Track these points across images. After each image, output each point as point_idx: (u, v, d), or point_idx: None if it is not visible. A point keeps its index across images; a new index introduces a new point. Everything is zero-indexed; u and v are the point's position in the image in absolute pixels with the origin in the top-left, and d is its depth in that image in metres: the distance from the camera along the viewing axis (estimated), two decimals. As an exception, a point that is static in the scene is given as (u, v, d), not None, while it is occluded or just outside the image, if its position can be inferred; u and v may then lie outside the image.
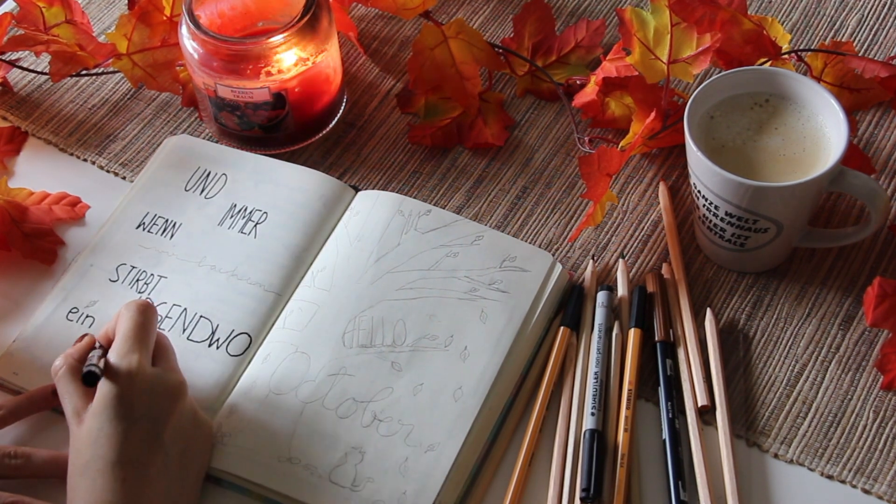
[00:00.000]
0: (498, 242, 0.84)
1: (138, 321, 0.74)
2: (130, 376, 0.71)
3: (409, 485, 0.73)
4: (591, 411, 0.77)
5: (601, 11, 1.03)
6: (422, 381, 0.78)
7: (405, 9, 0.97)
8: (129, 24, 0.93)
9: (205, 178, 0.90)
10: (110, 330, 0.75)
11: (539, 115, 0.96)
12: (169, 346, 0.76)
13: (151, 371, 0.72)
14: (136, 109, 0.98)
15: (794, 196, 0.78)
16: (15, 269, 0.87)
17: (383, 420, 0.76)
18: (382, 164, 0.94)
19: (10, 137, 0.96)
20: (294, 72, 0.88)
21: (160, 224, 0.88)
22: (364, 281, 0.82)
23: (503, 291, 0.81)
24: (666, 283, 0.84)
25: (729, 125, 0.82)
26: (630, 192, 0.91)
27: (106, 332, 0.76)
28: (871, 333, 0.82)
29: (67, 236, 0.90)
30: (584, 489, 0.73)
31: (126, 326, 0.74)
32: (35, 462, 0.75)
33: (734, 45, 0.87)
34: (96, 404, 0.70)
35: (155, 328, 0.75)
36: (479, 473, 0.76)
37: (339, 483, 0.74)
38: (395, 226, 0.85)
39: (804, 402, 0.79)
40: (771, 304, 0.84)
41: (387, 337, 0.80)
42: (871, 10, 1.01)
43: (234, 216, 0.88)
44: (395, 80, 0.99)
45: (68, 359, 0.74)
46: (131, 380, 0.71)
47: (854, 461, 0.76)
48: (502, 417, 0.78)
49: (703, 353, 0.80)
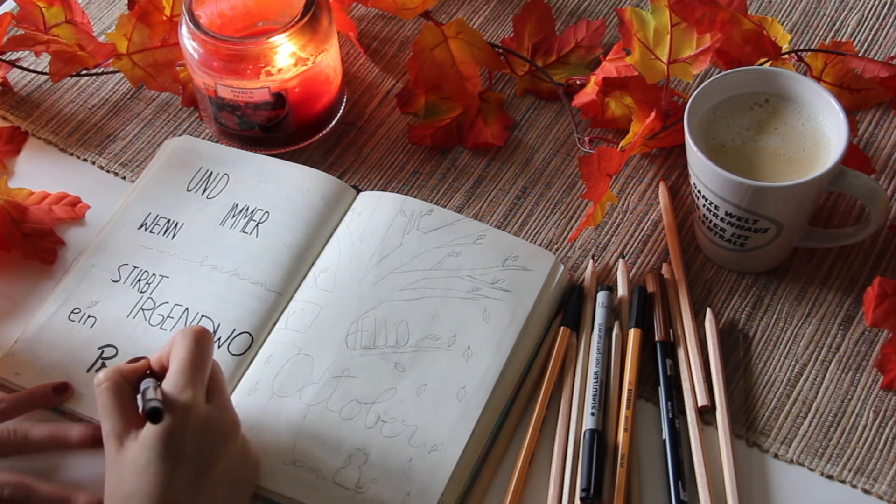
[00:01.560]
0: (500, 241, 0.84)
1: (195, 351, 0.70)
2: (185, 413, 0.67)
3: (413, 485, 0.73)
4: (591, 411, 0.77)
5: (601, 11, 1.03)
6: (425, 382, 0.78)
7: (405, 9, 0.97)
8: (129, 24, 0.93)
9: (207, 178, 0.90)
10: (164, 356, 0.72)
11: (539, 115, 0.96)
12: (222, 379, 0.73)
13: (205, 409, 0.69)
14: (136, 109, 0.98)
15: (794, 196, 0.78)
16: (15, 269, 0.87)
17: (387, 421, 0.76)
18: (382, 164, 0.94)
19: (10, 137, 0.96)
20: (294, 72, 0.88)
21: (162, 224, 0.88)
22: (367, 282, 0.82)
23: (506, 290, 0.82)
24: (666, 283, 0.84)
25: (729, 125, 0.82)
26: (630, 192, 0.91)
27: (159, 358, 0.72)
28: (871, 333, 0.82)
29: (67, 236, 0.90)
30: (584, 489, 0.73)
31: (182, 357, 0.70)
32: (34, 439, 0.75)
33: (734, 45, 0.87)
34: (146, 437, 0.67)
35: (211, 358, 0.71)
36: (479, 473, 0.76)
37: (344, 485, 0.74)
38: (398, 226, 0.85)
39: (804, 402, 0.79)
40: (771, 304, 0.84)
41: (390, 338, 0.80)
42: (871, 10, 1.01)
43: (236, 216, 0.88)
44: (395, 80, 0.99)
45: (115, 375, 0.70)
46: (185, 417, 0.67)
47: (854, 461, 0.76)
48: (502, 417, 0.78)
49: (703, 353, 0.80)
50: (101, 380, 0.70)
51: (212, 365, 0.72)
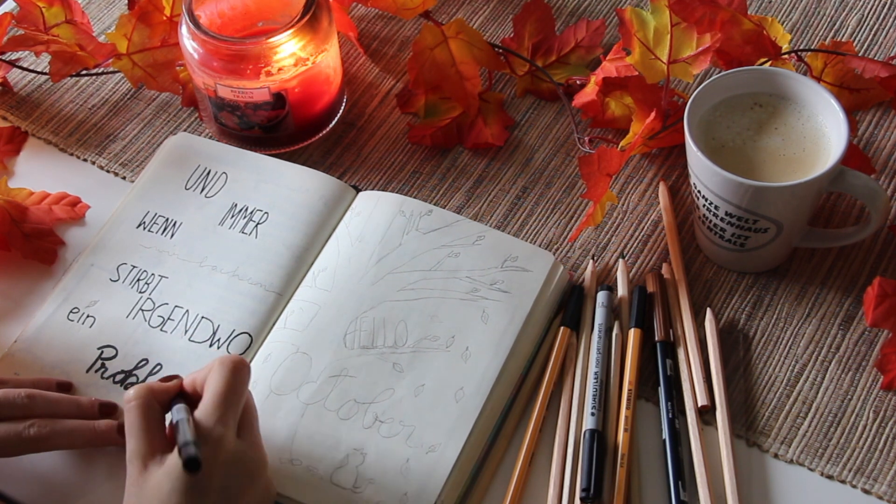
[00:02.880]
0: (499, 242, 0.84)
1: (231, 383, 0.68)
2: (215, 448, 0.66)
3: (411, 486, 0.73)
4: (591, 411, 0.77)
5: (601, 11, 1.03)
6: (423, 382, 0.78)
7: (405, 9, 0.97)
8: (129, 24, 0.93)
9: (205, 176, 0.90)
10: (199, 382, 0.70)
11: (539, 115, 0.96)
12: (255, 414, 0.71)
13: (235, 446, 0.68)
14: (136, 109, 0.98)
15: (794, 196, 0.78)
16: (15, 269, 0.87)
17: (385, 421, 0.76)
18: (382, 164, 0.94)
19: (10, 137, 0.96)
20: (294, 72, 0.88)
21: (160, 223, 0.88)
22: (365, 281, 0.82)
23: (505, 291, 0.81)
24: (666, 283, 0.84)
25: (729, 125, 0.82)
26: (630, 192, 0.91)
27: (193, 382, 0.71)
28: (871, 333, 0.82)
29: (67, 236, 0.90)
30: (584, 489, 0.73)
31: (217, 388, 0.68)
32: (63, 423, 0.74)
33: (734, 45, 0.87)
34: (172, 466, 0.65)
35: (246, 391, 0.70)
36: (479, 474, 0.76)
37: (341, 485, 0.74)
38: (397, 226, 0.85)
39: (804, 402, 0.79)
40: (771, 304, 0.84)
41: (388, 338, 0.80)
42: (871, 10, 1.01)
43: (235, 216, 0.88)
44: (395, 80, 0.99)
45: (146, 395, 0.69)
46: (215, 452, 0.66)
47: (854, 461, 0.76)
48: (502, 418, 0.78)
49: (703, 353, 0.80)
50: (130, 397, 0.69)
51: (249, 407, 0.71)
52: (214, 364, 0.70)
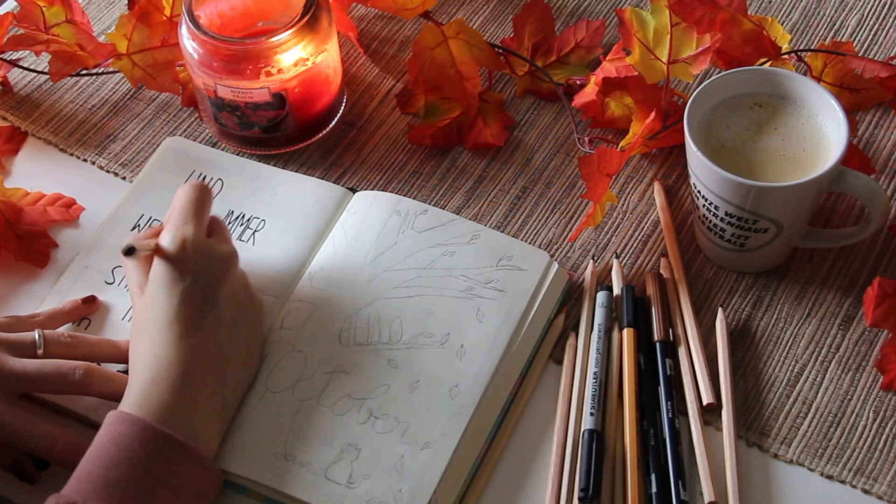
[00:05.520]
0: (494, 241, 0.84)
1: (193, 196, 0.78)
2: (184, 244, 0.75)
3: (405, 482, 0.73)
4: (590, 411, 0.77)
5: (601, 11, 1.03)
6: (418, 379, 0.78)
7: (405, 9, 0.97)
8: (129, 24, 0.93)
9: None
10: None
11: (539, 115, 0.96)
12: (223, 225, 0.81)
13: (204, 240, 0.77)
14: (136, 109, 0.98)
15: (794, 196, 0.78)
16: (7, 270, 0.87)
17: (379, 417, 0.76)
18: (382, 165, 0.94)
19: (9, 137, 0.96)
20: (294, 72, 0.88)
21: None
22: (361, 279, 0.82)
23: (499, 290, 0.81)
24: (665, 283, 0.84)
25: (729, 125, 0.82)
26: (630, 192, 0.91)
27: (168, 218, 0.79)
28: (871, 333, 0.82)
29: (61, 238, 0.90)
30: (583, 489, 0.73)
31: (182, 201, 0.78)
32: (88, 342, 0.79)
33: (734, 46, 0.87)
34: (154, 272, 0.75)
35: (210, 205, 0.79)
36: (477, 473, 0.76)
37: (335, 480, 0.73)
38: (392, 225, 0.85)
39: (804, 402, 0.79)
40: (771, 304, 0.84)
41: (383, 334, 0.80)
42: (871, 10, 1.01)
43: (232, 223, 0.88)
44: (395, 80, 0.99)
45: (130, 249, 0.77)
46: (185, 246, 0.75)
47: (854, 461, 0.76)
48: (501, 417, 0.78)
49: (704, 352, 0.80)
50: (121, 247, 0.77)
51: (217, 220, 0.80)
52: (178, 190, 0.79)
